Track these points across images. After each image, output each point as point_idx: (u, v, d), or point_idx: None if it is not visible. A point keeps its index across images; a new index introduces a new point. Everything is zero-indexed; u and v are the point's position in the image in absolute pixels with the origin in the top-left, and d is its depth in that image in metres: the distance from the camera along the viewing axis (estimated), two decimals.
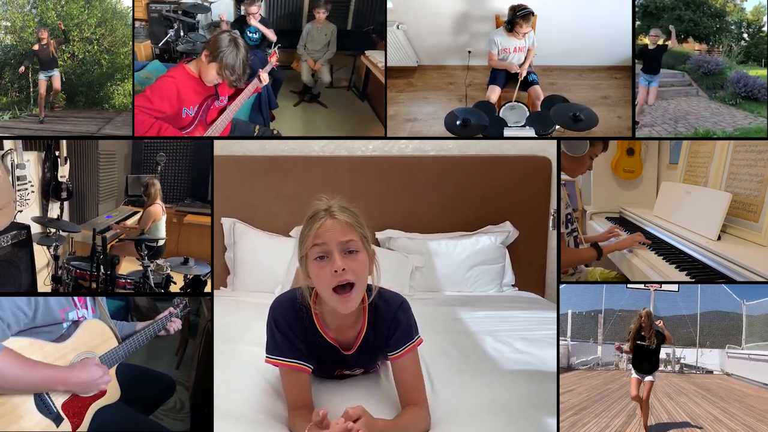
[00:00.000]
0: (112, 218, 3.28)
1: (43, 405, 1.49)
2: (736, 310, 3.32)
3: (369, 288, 1.75)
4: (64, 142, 2.88)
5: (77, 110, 3.00)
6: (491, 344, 2.40)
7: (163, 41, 3.01)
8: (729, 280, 2.34)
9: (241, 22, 3.07)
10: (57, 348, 1.52)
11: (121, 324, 1.98)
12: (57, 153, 2.87)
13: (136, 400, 1.94)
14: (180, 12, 2.99)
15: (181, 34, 3.02)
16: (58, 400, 1.52)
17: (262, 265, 3.34)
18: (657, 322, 2.67)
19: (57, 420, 1.52)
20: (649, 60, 2.94)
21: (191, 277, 2.73)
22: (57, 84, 2.97)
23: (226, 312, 2.78)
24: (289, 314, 1.75)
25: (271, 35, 3.03)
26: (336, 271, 1.60)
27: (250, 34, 3.02)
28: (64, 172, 2.91)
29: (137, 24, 3.07)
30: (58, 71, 2.97)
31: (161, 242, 3.09)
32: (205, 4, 3.10)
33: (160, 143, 3.29)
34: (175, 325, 2.07)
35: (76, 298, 1.69)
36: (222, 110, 2.58)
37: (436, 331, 2.41)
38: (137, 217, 3.29)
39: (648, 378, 2.57)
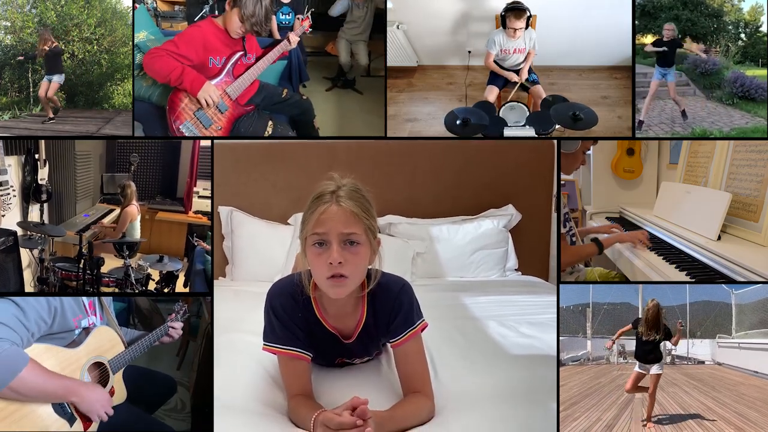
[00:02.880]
0: (89, 217, 3.32)
1: (58, 405, 1.60)
2: (725, 300, 3.30)
3: (369, 274, 1.70)
4: (42, 145, 2.88)
5: (77, 110, 3.00)
6: (496, 329, 2.37)
7: (198, 16, 3.02)
8: (729, 280, 2.34)
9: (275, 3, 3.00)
10: (70, 353, 1.64)
11: (124, 330, 2.06)
12: (36, 156, 2.87)
13: (139, 400, 2.00)
14: None
15: (215, 12, 3.01)
16: None
17: (260, 253, 3.32)
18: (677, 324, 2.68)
19: (71, 420, 1.63)
20: (663, 52, 2.95)
21: (165, 273, 2.84)
22: (51, 92, 2.93)
23: (225, 302, 2.76)
24: (287, 301, 1.70)
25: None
26: (332, 263, 1.56)
27: (283, 16, 2.99)
28: (43, 174, 2.91)
29: (176, 8, 3.11)
30: (58, 78, 2.94)
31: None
32: None
33: (134, 144, 3.34)
34: (177, 331, 2.14)
35: (87, 306, 1.80)
36: (249, 67, 2.64)
37: (440, 317, 2.36)
38: (113, 215, 3.34)
39: (654, 370, 2.54)
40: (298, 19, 2.87)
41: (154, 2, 3.16)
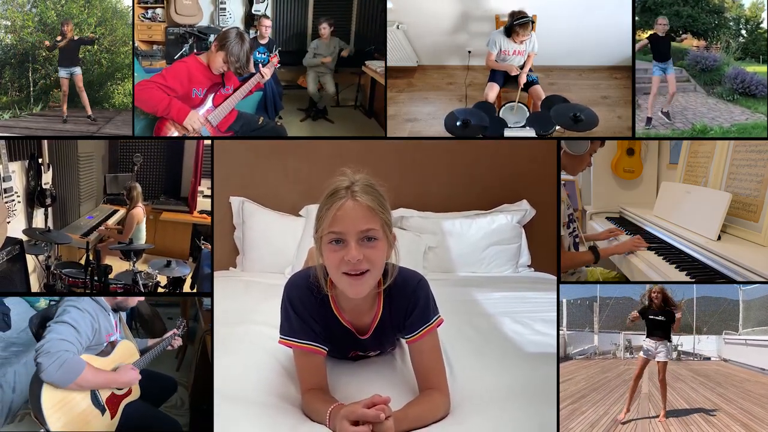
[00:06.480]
0: (93, 219, 3.31)
1: (95, 399, 2.10)
2: (733, 296, 3.30)
3: (386, 270, 1.66)
4: (45, 149, 2.88)
5: (77, 110, 3.00)
6: (510, 326, 2.36)
7: (178, 54, 3.19)
8: (729, 280, 2.35)
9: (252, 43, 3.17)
10: (103, 361, 2.13)
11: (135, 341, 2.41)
12: (40, 161, 2.86)
13: (145, 398, 2.27)
14: (195, 29, 3.22)
15: (195, 50, 3.17)
16: (103, 396, 2.13)
17: (271, 244, 3.33)
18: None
19: (102, 410, 2.11)
20: (659, 47, 2.96)
21: (173, 278, 2.88)
22: (80, 82, 2.96)
23: (235, 293, 2.77)
24: (305, 294, 1.68)
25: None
26: (350, 261, 1.53)
27: (259, 55, 3.15)
28: (47, 178, 2.90)
29: (154, 47, 3.26)
30: (80, 69, 2.97)
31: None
32: (219, 27, 3.22)
33: (136, 144, 3.36)
34: (177, 342, 2.44)
35: (114, 325, 2.27)
36: (227, 98, 2.84)
37: (452, 312, 2.29)
38: (117, 216, 3.34)
39: (660, 358, 2.57)
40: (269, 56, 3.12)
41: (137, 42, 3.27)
